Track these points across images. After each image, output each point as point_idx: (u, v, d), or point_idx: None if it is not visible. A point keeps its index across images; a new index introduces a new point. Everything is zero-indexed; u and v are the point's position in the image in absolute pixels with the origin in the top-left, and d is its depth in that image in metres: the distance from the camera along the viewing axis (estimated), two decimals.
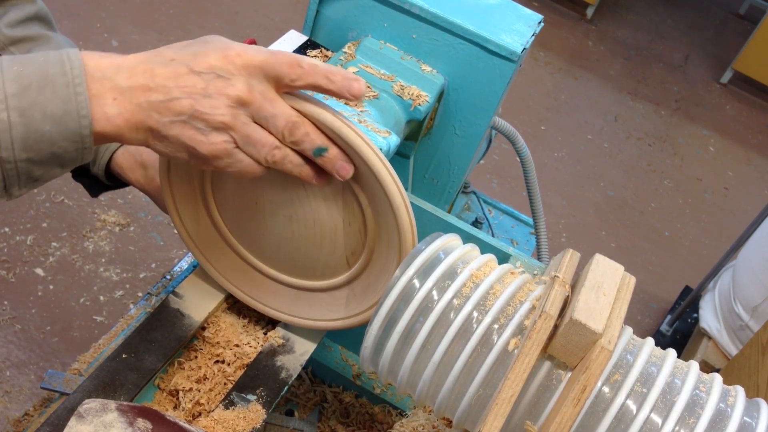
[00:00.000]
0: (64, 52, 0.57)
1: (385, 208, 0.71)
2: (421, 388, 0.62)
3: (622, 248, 2.86)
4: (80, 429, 0.62)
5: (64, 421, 0.65)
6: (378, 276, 0.77)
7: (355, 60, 0.87)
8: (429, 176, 0.99)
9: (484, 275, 0.63)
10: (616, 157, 3.34)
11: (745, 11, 4.97)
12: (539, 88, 3.59)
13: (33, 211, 2.19)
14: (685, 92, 3.99)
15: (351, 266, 0.78)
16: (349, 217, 0.75)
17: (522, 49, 0.85)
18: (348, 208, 0.74)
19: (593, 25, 4.26)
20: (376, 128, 0.78)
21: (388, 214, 0.71)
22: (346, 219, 0.75)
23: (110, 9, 2.99)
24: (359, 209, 0.73)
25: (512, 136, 1.05)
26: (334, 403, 1.10)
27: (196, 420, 0.77)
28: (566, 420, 0.54)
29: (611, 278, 0.59)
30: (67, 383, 0.83)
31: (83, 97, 0.56)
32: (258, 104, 0.62)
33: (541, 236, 1.14)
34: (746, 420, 0.56)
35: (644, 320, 2.62)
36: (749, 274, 2.12)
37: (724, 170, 3.51)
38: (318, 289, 0.82)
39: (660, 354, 0.60)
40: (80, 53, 0.58)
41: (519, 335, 0.58)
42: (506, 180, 2.93)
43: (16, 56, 0.57)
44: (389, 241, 0.74)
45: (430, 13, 0.85)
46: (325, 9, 0.90)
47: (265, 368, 0.82)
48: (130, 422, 0.64)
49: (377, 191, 0.70)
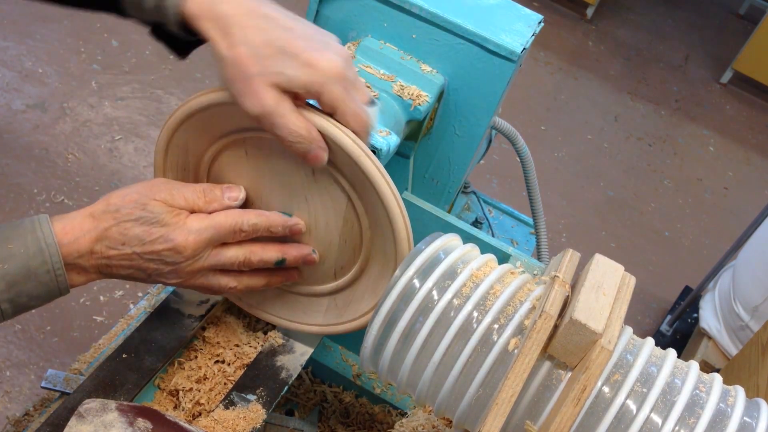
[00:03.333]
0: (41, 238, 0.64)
1: (387, 235, 0.71)
2: (421, 388, 0.62)
3: (622, 248, 2.86)
4: (80, 429, 0.62)
5: (64, 421, 0.65)
6: (363, 294, 0.78)
7: (355, 60, 0.87)
8: (429, 176, 0.99)
9: (484, 275, 0.63)
10: (616, 157, 3.34)
11: (745, 11, 4.97)
12: (539, 88, 3.59)
13: (33, 211, 2.19)
14: (685, 92, 3.99)
15: (337, 279, 0.79)
16: (346, 235, 0.75)
17: (522, 49, 0.85)
18: (347, 226, 0.74)
19: (593, 25, 4.26)
20: (376, 128, 0.78)
21: (389, 242, 0.71)
22: (342, 236, 0.75)
23: None
24: (359, 230, 0.73)
25: (512, 136, 1.05)
26: (334, 403, 1.10)
27: (196, 420, 0.77)
28: (566, 420, 0.54)
29: (611, 278, 0.59)
30: (67, 383, 0.83)
31: (62, 277, 0.66)
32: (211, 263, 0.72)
33: (541, 236, 1.14)
34: (746, 420, 0.56)
35: (644, 320, 2.62)
36: (749, 274, 2.12)
37: (724, 170, 3.51)
38: (299, 293, 0.82)
39: (660, 354, 0.60)
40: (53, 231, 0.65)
41: (519, 335, 0.58)
42: (506, 180, 2.93)
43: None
44: (383, 265, 0.74)
45: (430, 13, 0.85)
46: (325, 9, 0.90)
47: (265, 368, 0.82)
48: (130, 422, 0.63)
49: (382, 219, 0.70)
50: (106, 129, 2.54)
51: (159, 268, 0.70)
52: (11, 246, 0.63)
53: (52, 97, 2.57)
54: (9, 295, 0.63)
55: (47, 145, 2.41)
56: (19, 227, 0.65)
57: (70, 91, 2.61)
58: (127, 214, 0.68)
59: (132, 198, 0.69)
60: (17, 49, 2.68)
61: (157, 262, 0.70)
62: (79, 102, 2.59)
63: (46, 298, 0.66)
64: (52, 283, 0.65)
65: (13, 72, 2.59)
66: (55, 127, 2.47)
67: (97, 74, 2.71)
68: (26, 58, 2.66)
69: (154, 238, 0.69)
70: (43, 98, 2.55)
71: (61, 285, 0.66)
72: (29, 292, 0.64)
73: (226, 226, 0.71)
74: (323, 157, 0.67)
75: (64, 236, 0.66)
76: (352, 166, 0.68)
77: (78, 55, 2.75)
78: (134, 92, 2.70)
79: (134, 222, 0.68)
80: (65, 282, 0.66)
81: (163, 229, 0.69)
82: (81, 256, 0.67)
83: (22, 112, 2.49)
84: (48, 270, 0.64)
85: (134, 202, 0.68)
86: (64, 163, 2.37)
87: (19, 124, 2.45)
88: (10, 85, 2.55)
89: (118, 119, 2.59)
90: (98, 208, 0.68)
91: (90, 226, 0.67)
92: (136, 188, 0.70)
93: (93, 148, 2.46)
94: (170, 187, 0.71)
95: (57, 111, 2.53)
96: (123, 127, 2.57)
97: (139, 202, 0.68)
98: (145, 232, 0.68)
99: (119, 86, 2.70)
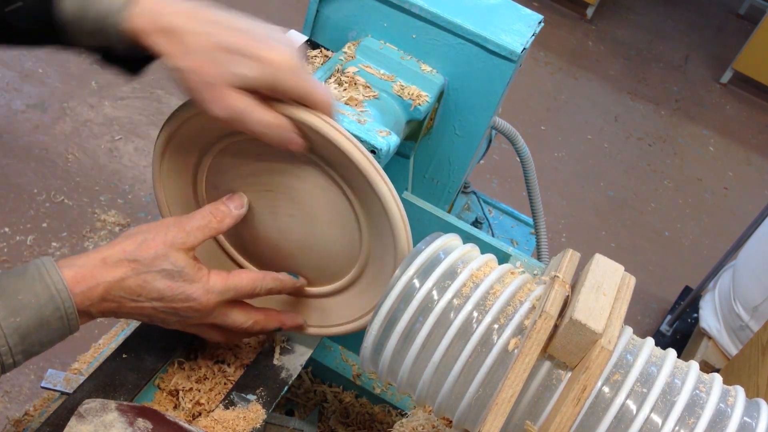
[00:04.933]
0: (51, 284, 0.63)
1: (386, 234, 0.71)
2: (421, 388, 0.62)
3: (622, 248, 2.86)
4: (80, 429, 0.62)
5: (64, 421, 0.65)
6: (362, 294, 0.78)
7: (355, 60, 0.87)
8: (429, 176, 0.99)
9: (484, 275, 0.63)
10: (616, 157, 3.34)
11: (745, 11, 4.97)
12: (539, 88, 3.59)
13: (33, 211, 2.20)
14: (685, 92, 3.99)
15: (336, 281, 0.79)
16: (345, 236, 0.74)
17: (522, 49, 0.85)
18: (347, 226, 0.74)
19: (593, 25, 4.26)
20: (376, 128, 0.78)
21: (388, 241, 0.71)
22: (342, 237, 0.75)
23: None
24: (358, 230, 0.73)
25: (512, 136, 1.05)
26: (334, 403, 1.10)
27: (196, 420, 0.77)
28: (566, 420, 0.54)
29: (611, 278, 0.59)
30: (67, 383, 0.83)
31: (75, 321, 0.65)
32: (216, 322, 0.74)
33: (541, 236, 1.14)
34: (746, 420, 0.56)
35: (644, 320, 2.62)
36: (749, 274, 2.12)
37: (724, 170, 3.51)
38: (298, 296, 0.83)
39: (660, 354, 0.60)
40: (63, 278, 0.64)
41: (519, 335, 0.58)
42: (506, 180, 2.93)
43: (4, 293, 0.62)
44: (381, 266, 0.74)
45: (430, 13, 0.85)
46: (325, 9, 0.90)
47: (265, 368, 0.82)
48: (130, 422, 0.64)
49: (380, 218, 0.70)
50: (106, 129, 2.54)
51: (168, 318, 0.71)
52: (21, 297, 0.61)
53: (52, 97, 2.57)
54: (23, 347, 0.62)
55: (47, 145, 2.41)
56: (24, 275, 0.63)
57: (70, 91, 2.61)
58: (148, 265, 0.67)
59: (150, 246, 0.67)
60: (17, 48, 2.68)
61: (171, 315, 0.70)
62: (79, 102, 2.59)
63: (56, 342, 0.65)
64: (65, 328, 0.65)
65: (13, 72, 2.60)
66: (55, 127, 2.47)
67: (97, 74, 2.71)
68: (26, 58, 2.66)
69: (175, 294, 0.68)
70: (43, 98, 2.55)
71: (72, 328, 0.65)
72: (41, 339, 0.63)
73: (246, 290, 0.72)
74: (300, 140, 0.67)
75: (76, 285, 0.64)
76: (340, 157, 0.67)
77: (78, 55, 2.75)
78: (134, 92, 2.70)
79: (156, 274, 0.67)
80: (77, 325, 0.65)
81: (186, 285, 0.68)
82: (92, 304, 0.66)
83: (22, 112, 2.49)
84: (61, 316, 0.63)
85: (154, 252, 0.67)
86: (64, 163, 2.37)
87: (19, 124, 2.45)
88: (10, 85, 2.55)
89: (118, 119, 2.59)
90: (112, 254, 0.66)
91: (104, 274, 0.66)
92: (152, 234, 0.68)
93: (93, 148, 2.46)
94: (182, 225, 0.69)
95: (57, 111, 2.53)
96: (123, 127, 2.57)
97: (159, 253, 0.67)
98: (168, 287, 0.67)
99: (119, 86, 2.70)
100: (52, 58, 2.69)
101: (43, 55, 2.69)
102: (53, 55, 2.71)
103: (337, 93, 0.81)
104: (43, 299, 0.62)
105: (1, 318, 0.60)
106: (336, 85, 0.83)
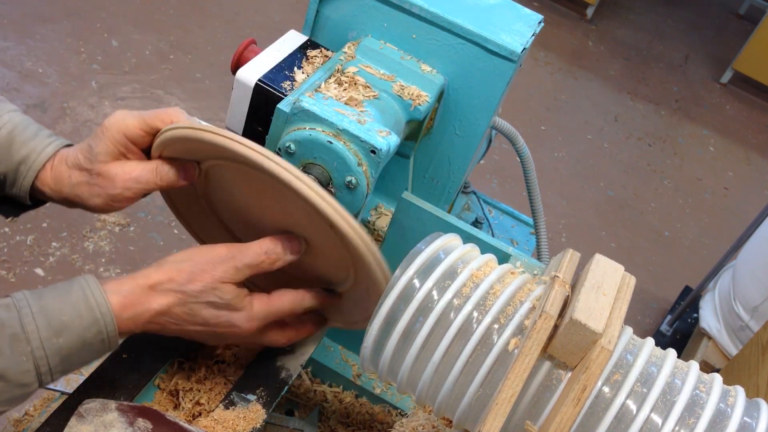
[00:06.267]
0: (95, 307, 0.63)
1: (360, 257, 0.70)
2: (421, 388, 0.62)
3: (622, 248, 2.86)
4: (80, 429, 0.62)
5: (64, 421, 0.65)
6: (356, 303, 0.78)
7: (355, 60, 0.87)
8: (429, 176, 0.99)
9: (484, 275, 0.63)
10: (616, 157, 3.34)
11: (745, 11, 4.97)
12: (539, 88, 3.59)
13: (33, 211, 2.19)
14: (685, 92, 3.99)
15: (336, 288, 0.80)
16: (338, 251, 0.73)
17: (522, 49, 0.85)
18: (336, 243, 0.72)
19: (593, 25, 4.26)
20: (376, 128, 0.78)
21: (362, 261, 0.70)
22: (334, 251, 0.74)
23: (110, 9, 2.99)
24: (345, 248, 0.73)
25: (512, 136, 1.05)
26: (334, 403, 1.10)
27: (196, 420, 0.77)
28: (566, 420, 0.54)
29: (611, 278, 0.59)
30: (67, 383, 0.83)
31: (115, 342, 0.66)
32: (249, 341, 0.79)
33: (541, 236, 1.14)
34: (746, 420, 0.56)
35: (644, 320, 2.62)
36: (749, 274, 2.12)
37: (724, 170, 3.51)
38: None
39: (660, 354, 0.60)
40: (107, 301, 0.64)
41: (519, 335, 0.58)
42: (506, 180, 2.93)
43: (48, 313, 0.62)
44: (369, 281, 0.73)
45: (430, 13, 0.85)
46: (325, 9, 0.90)
47: (265, 368, 0.82)
48: (130, 422, 0.64)
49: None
50: None
51: (208, 339, 0.73)
52: (65, 318, 0.62)
53: (52, 97, 2.57)
54: (62, 368, 0.63)
55: None
56: (68, 294, 0.63)
57: (70, 91, 2.61)
58: (196, 296, 0.68)
59: (200, 280, 0.68)
60: (17, 49, 2.68)
61: (212, 337, 0.73)
62: (79, 102, 2.59)
63: (93, 360, 0.67)
64: (104, 349, 0.66)
65: (13, 72, 2.59)
66: (55, 127, 2.47)
67: (97, 74, 2.71)
68: (26, 58, 2.66)
69: (219, 321, 0.70)
70: (43, 98, 2.55)
71: (112, 348, 0.67)
72: (81, 360, 0.64)
73: (286, 312, 0.74)
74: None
75: (123, 311, 0.65)
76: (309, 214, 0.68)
77: (78, 55, 2.75)
78: (134, 92, 2.70)
79: (204, 305, 0.68)
80: (116, 346, 0.67)
81: (230, 314, 0.70)
82: (137, 327, 0.68)
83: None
84: (102, 339, 0.64)
85: (202, 286, 0.68)
86: None
87: None
88: (10, 85, 2.55)
89: None
90: (159, 281, 0.67)
91: (151, 301, 0.67)
92: (202, 267, 0.68)
93: None
94: (234, 261, 0.69)
95: (57, 111, 2.53)
96: None
97: (208, 287, 0.68)
98: (213, 316, 0.69)
99: (119, 86, 2.70)
100: (52, 58, 2.70)
101: (43, 55, 2.69)
102: (53, 55, 2.71)
103: (337, 93, 0.81)
104: (87, 321, 0.63)
105: (44, 338, 0.61)
106: (336, 85, 0.83)
